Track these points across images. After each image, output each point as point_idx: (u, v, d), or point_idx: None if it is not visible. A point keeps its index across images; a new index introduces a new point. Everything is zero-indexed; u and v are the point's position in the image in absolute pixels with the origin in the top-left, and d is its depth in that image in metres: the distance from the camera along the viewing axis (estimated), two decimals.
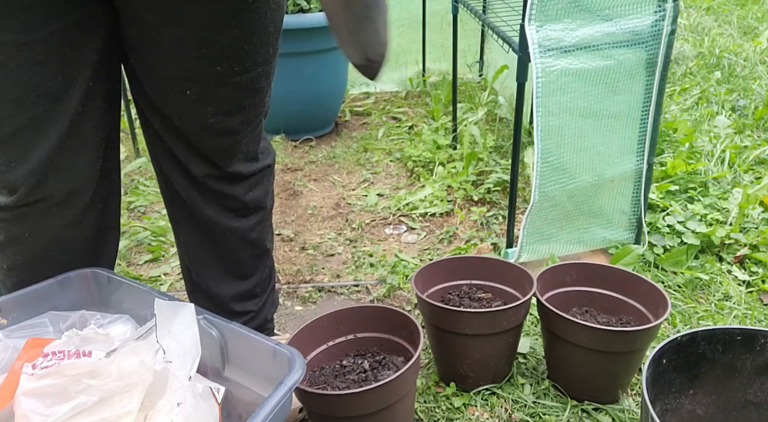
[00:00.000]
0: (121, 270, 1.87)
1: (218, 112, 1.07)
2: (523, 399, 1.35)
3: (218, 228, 1.21)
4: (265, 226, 1.30)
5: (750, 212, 1.96)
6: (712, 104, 2.91)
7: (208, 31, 0.98)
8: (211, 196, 1.18)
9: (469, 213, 2.13)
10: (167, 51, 1.00)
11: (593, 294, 1.43)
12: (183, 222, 1.24)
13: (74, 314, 1.01)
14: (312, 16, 2.50)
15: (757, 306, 1.63)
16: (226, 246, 1.24)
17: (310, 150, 2.75)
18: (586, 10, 1.52)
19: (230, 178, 1.17)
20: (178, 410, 0.81)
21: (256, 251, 1.28)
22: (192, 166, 1.14)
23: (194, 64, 1.01)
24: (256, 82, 1.10)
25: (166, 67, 1.02)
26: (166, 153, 1.16)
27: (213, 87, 1.04)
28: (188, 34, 0.98)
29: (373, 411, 1.09)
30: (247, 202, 1.21)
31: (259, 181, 1.23)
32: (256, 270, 1.30)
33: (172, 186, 1.20)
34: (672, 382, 1.05)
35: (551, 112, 1.57)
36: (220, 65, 1.02)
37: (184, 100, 1.05)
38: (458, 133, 2.55)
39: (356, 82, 3.44)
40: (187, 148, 1.13)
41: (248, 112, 1.12)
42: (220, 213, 1.20)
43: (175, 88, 1.04)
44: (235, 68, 1.04)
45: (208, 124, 1.08)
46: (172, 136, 1.12)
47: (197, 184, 1.17)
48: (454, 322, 1.28)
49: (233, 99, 1.08)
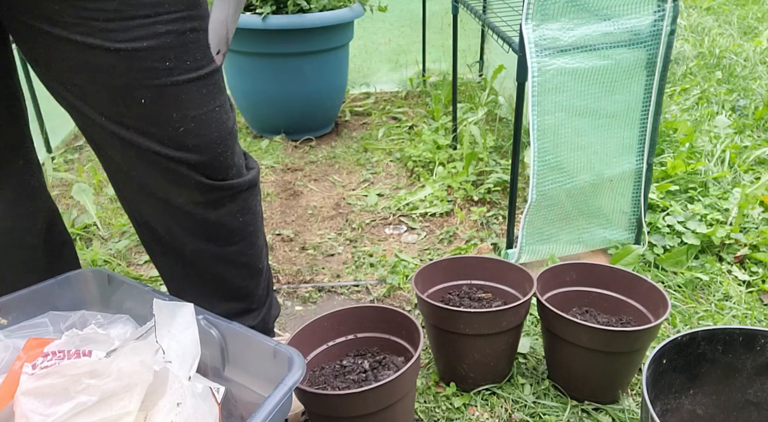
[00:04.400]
0: (121, 270, 1.87)
1: (186, 118, 0.96)
2: (523, 399, 1.35)
3: (204, 259, 1.11)
4: (255, 247, 1.18)
5: (750, 212, 1.96)
6: (712, 104, 2.91)
7: (138, 18, 0.88)
8: (195, 226, 1.07)
9: (469, 213, 2.13)
10: (98, 57, 0.89)
11: (593, 294, 1.43)
12: (162, 257, 1.14)
13: (74, 314, 1.01)
14: (312, 16, 2.50)
15: (757, 306, 1.63)
16: (214, 276, 1.14)
17: (310, 150, 2.75)
18: (585, 10, 1.52)
19: (215, 200, 1.06)
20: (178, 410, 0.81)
21: (247, 273, 1.18)
22: (172, 195, 1.03)
23: (136, 63, 0.90)
24: (214, 77, 1.00)
25: (105, 79, 0.91)
26: (138, 188, 1.03)
27: (169, 87, 0.93)
28: (115, 27, 0.88)
29: (373, 411, 1.09)
30: (235, 228, 1.11)
31: (246, 204, 1.12)
32: (249, 291, 1.21)
33: (146, 223, 1.10)
34: (672, 382, 1.05)
35: (547, 110, 1.57)
36: (168, 60, 0.92)
37: (143, 112, 0.93)
38: (458, 133, 2.56)
39: (356, 82, 3.44)
40: (162, 176, 1.00)
41: (220, 116, 1.01)
42: (206, 245, 1.10)
43: (127, 100, 0.92)
44: (187, 62, 0.94)
45: (180, 136, 0.97)
46: (141, 168, 0.99)
47: (179, 216, 1.05)
48: (454, 322, 1.28)
49: (198, 99, 0.97)
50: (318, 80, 2.68)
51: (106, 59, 0.89)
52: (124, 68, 0.90)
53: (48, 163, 2.44)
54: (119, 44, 0.88)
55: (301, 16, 2.49)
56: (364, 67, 3.48)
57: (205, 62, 0.97)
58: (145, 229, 1.12)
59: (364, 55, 3.47)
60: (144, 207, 1.07)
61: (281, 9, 2.52)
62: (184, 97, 0.95)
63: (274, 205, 2.27)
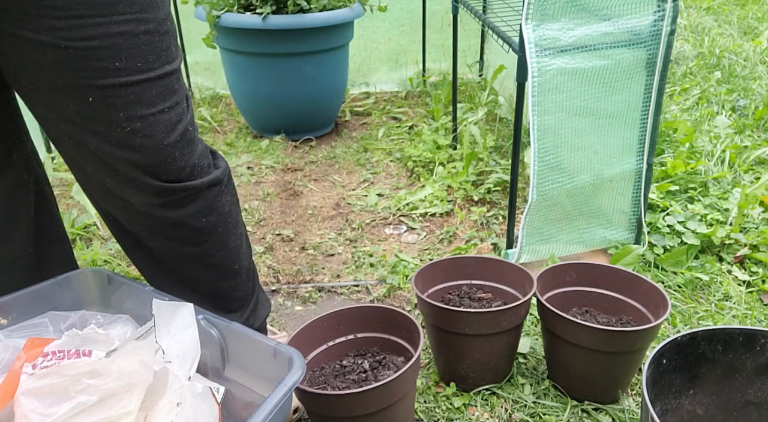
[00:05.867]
0: (121, 270, 1.87)
1: (133, 118, 0.95)
2: (523, 399, 1.35)
3: (172, 256, 1.10)
4: (227, 249, 1.15)
5: (750, 212, 1.96)
6: (712, 104, 2.91)
7: (91, 16, 0.88)
8: (157, 226, 1.06)
9: (469, 213, 2.13)
10: (47, 55, 0.88)
11: (593, 294, 1.43)
12: (133, 252, 1.14)
13: (74, 314, 1.01)
14: (312, 16, 2.50)
15: (757, 306, 1.63)
16: (183, 274, 1.13)
17: (310, 150, 2.75)
18: (585, 10, 1.52)
19: (175, 201, 1.04)
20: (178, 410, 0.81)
21: (219, 274, 1.15)
22: (128, 195, 1.02)
23: (86, 62, 0.89)
24: (167, 80, 0.99)
25: (53, 77, 0.90)
26: (97, 186, 1.03)
27: (117, 87, 0.92)
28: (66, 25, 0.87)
29: (373, 411, 1.09)
30: (199, 227, 1.08)
31: (212, 204, 1.09)
32: (225, 290, 1.18)
33: (113, 220, 1.10)
34: (672, 382, 1.05)
35: (547, 110, 1.57)
36: (118, 60, 0.91)
37: (89, 112, 0.93)
38: (458, 133, 2.56)
39: (356, 82, 3.44)
40: (115, 176, 1.00)
41: (169, 117, 0.99)
42: (171, 243, 1.08)
43: (74, 99, 0.92)
44: (138, 64, 0.93)
45: (125, 136, 0.96)
46: (93, 165, 0.99)
47: (139, 215, 1.05)
48: (454, 322, 1.28)
49: (147, 100, 0.96)
50: (318, 80, 2.68)
51: (56, 57, 0.88)
52: (73, 67, 0.89)
53: (48, 163, 2.44)
54: (69, 42, 0.88)
55: (301, 16, 2.49)
56: (364, 67, 3.49)
57: (156, 64, 0.96)
58: (114, 225, 1.11)
59: (364, 55, 3.47)
60: (107, 205, 1.07)
61: (281, 9, 2.52)
62: (133, 97, 0.94)
63: (274, 205, 2.27)
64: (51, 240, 1.15)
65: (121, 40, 0.90)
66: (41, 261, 1.12)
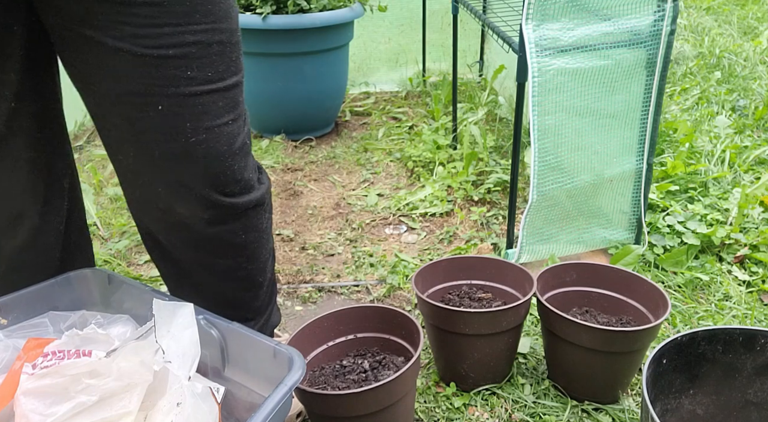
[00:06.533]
0: (121, 270, 1.87)
1: (199, 129, 0.96)
2: (523, 399, 1.35)
3: (200, 270, 1.11)
4: (257, 263, 1.16)
5: (750, 212, 1.96)
6: (712, 104, 2.91)
7: (169, 26, 0.89)
8: (197, 241, 1.06)
9: (469, 213, 2.13)
10: (123, 60, 0.89)
11: (593, 294, 1.43)
12: (160, 262, 1.15)
13: (74, 314, 1.01)
14: (312, 16, 2.50)
15: (757, 306, 1.63)
16: (207, 285, 1.14)
17: (310, 150, 2.75)
18: (585, 10, 1.52)
19: (221, 216, 1.05)
20: (178, 410, 0.81)
21: (245, 286, 1.17)
22: (177, 206, 1.01)
23: (159, 70, 0.90)
24: (233, 91, 1.00)
25: (127, 82, 0.91)
26: (145, 195, 1.03)
27: (187, 96, 0.93)
28: (145, 33, 0.88)
29: (373, 411, 1.09)
30: (238, 244, 1.09)
31: (254, 222, 1.10)
32: (246, 301, 1.19)
33: (148, 230, 1.10)
34: (672, 382, 1.05)
35: (547, 111, 1.57)
36: (190, 69, 0.92)
37: (158, 120, 0.93)
38: (458, 133, 2.56)
39: (356, 81, 3.44)
40: (169, 185, 1.00)
41: (232, 129, 1.00)
42: (205, 257, 1.09)
43: (144, 106, 0.92)
44: (209, 74, 0.94)
45: (190, 146, 0.96)
46: (150, 173, 0.99)
47: (181, 228, 1.05)
48: (454, 322, 1.28)
49: (214, 112, 0.97)
50: (318, 80, 2.68)
51: (132, 64, 0.89)
52: (146, 74, 0.90)
53: None
54: (146, 50, 0.89)
55: (301, 16, 2.49)
56: (364, 67, 3.49)
57: (226, 75, 0.97)
58: (147, 235, 1.12)
59: (363, 55, 3.47)
60: (147, 213, 1.07)
61: (281, 9, 2.51)
62: (201, 108, 0.95)
63: (274, 205, 2.27)
64: (76, 247, 1.16)
65: (195, 49, 0.92)
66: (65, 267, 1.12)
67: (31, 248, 1.06)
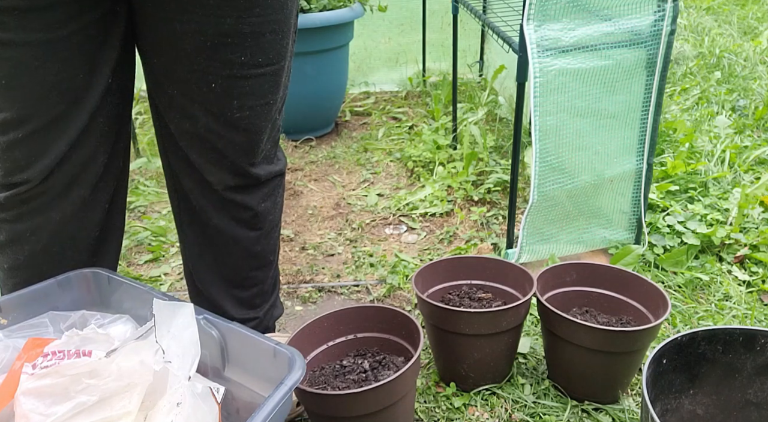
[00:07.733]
0: (121, 270, 1.87)
1: (244, 107, 1.07)
2: (523, 399, 1.35)
3: (223, 237, 1.21)
4: (270, 240, 1.28)
5: (750, 212, 1.96)
6: (712, 104, 2.91)
7: (231, 17, 0.98)
8: (223, 204, 1.18)
9: (469, 213, 2.13)
10: (189, 43, 0.99)
11: (593, 294, 1.43)
12: (188, 227, 1.24)
13: (74, 314, 1.01)
14: (312, 16, 2.50)
15: (757, 306, 1.63)
16: (227, 256, 1.23)
17: (310, 150, 2.75)
18: (586, 10, 1.52)
19: (245, 185, 1.17)
20: (178, 410, 0.81)
21: (258, 263, 1.27)
22: (208, 173, 1.13)
23: (218, 54, 1.00)
24: (278, 75, 1.09)
25: (189, 61, 1.01)
26: (181, 159, 1.15)
27: (238, 78, 1.04)
28: (209, 21, 0.98)
29: (373, 411, 1.09)
30: (259, 212, 1.21)
31: (273, 191, 1.22)
32: (257, 281, 1.29)
33: (182, 192, 1.20)
34: (672, 382, 1.05)
35: (548, 111, 1.57)
36: (244, 55, 1.02)
37: (210, 96, 1.04)
38: (458, 133, 2.55)
39: (356, 81, 3.44)
40: (205, 153, 1.11)
41: (271, 108, 1.11)
42: (228, 224, 1.20)
43: (200, 83, 1.03)
44: (259, 59, 1.04)
45: (234, 120, 1.07)
46: (190, 140, 1.11)
47: (210, 192, 1.16)
48: (454, 322, 1.28)
49: (258, 92, 1.07)
50: (318, 80, 2.68)
51: (197, 46, 1.00)
52: (207, 56, 1.01)
53: None
54: (209, 36, 0.99)
55: (301, 16, 2.49)
56: (364, 67, 3.48)
57: (275, 61, 1.07)
58: (181, 197, 1.21)
59: (363, 55, 3.47)
60: (184, 176, 1.17)
61: None
62: (248, 89, 1.06)
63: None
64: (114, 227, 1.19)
65: (250, 38, 1.01)
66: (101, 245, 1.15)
67: (76, 220, 1.08)
